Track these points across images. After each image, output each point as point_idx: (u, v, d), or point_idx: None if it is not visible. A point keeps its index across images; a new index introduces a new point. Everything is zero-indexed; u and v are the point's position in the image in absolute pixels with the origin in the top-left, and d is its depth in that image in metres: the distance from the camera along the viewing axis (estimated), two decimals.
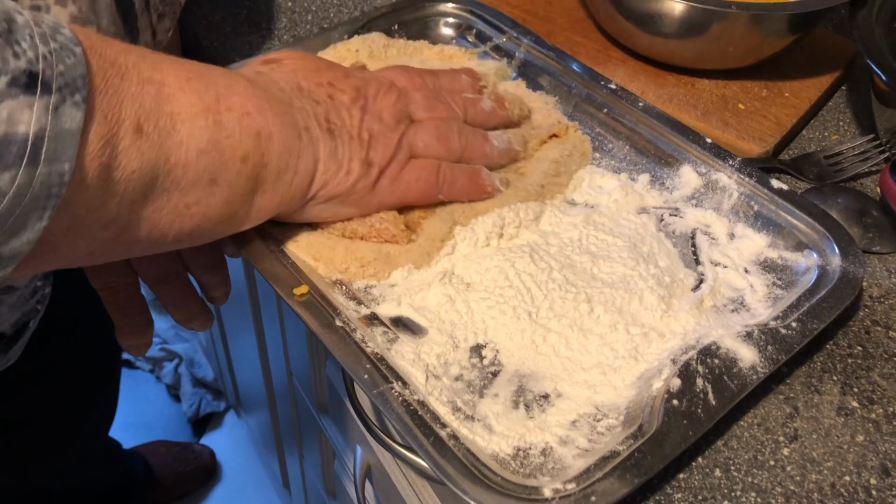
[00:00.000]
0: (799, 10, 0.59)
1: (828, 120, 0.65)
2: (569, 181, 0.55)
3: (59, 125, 0.30)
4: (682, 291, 0.49)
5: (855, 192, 0.57)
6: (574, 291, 0.47)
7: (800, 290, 0.47)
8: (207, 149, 0.37)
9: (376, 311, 0.47)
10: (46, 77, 0.29)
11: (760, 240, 0.51)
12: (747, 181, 0.52)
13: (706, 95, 0.63)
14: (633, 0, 0.61)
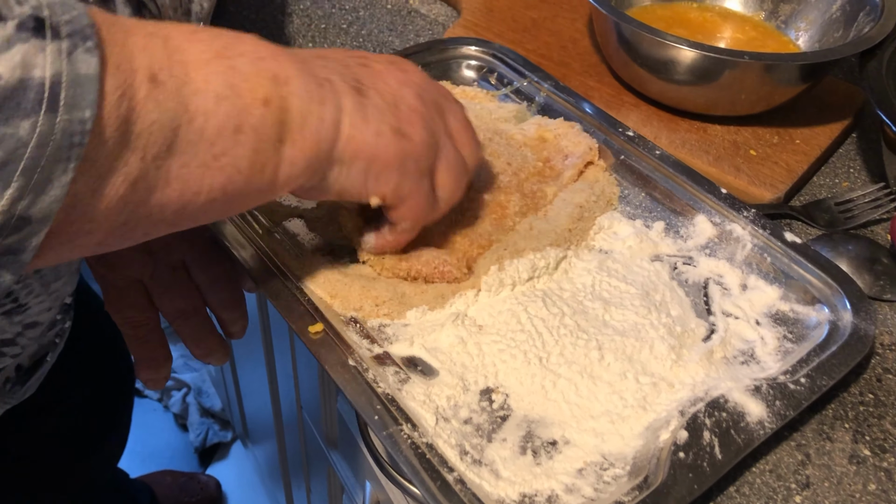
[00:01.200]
0: (810, 61, 0.60)
1: (838, 166, 0.65)
2: (591, 226, 0.56)
3: (75, 70, 0.28)
4: (692, 341, 0.49)
5: (865, 239, 0.58)
6: (585, 338, 0.48)
7: (810, 344, 0.48)
8: (226, 93, 0.35)
9: (389, 351, 0.47)
10: (54, 22, 0.28)
11: (773, 292, 0.52)
12: (761, 233, 0.53)
13: (718, 141, 0.64)
14: (645, 48, 0.62)
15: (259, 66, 0.37)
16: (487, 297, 0.50)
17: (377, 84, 0.42)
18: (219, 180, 0.36)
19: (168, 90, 0.32)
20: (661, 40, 0.60)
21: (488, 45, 0.67)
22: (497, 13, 0.77)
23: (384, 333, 0.48)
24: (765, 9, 0.74)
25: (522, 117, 0.63)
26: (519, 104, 0.64)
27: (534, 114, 0.64)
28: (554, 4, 0.79)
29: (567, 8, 0.78)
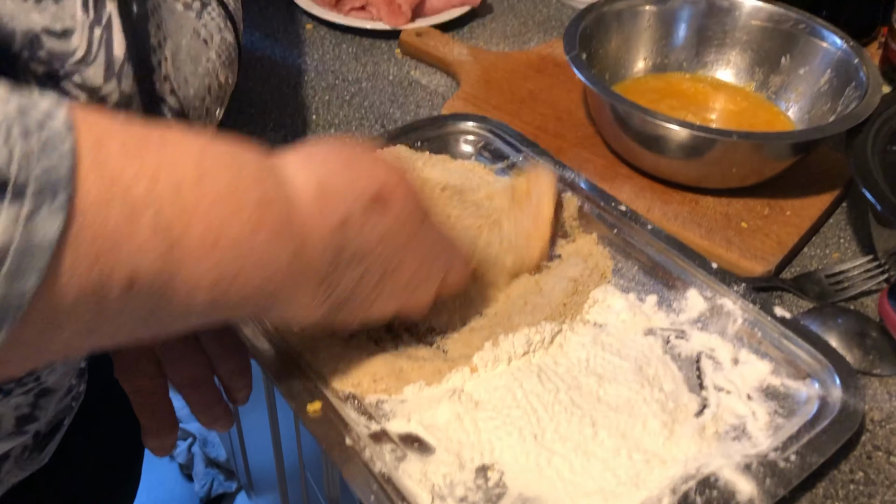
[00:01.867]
0: (797, 140, 0.61)
1: (829, 237, 0.67)
2: (586, 300, 0.57)
3: (28, 238, 0.26)
4: (685, 417, 0.50)
5: (855, 313, 0.59)
6: (580, 414, 0.49)
7: (801, 419, 0.48)
8: (199, 311, 0.35)
9: (386, 428, 0.48)
10: (19, 182, 0.26)
11: (763, 366, 0.52)
12: (751, 307, 0.54)
13: (710, 213, 0.65)
14: (638, 124, 0.64)
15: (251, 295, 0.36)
16: (484, 372, 0.51)
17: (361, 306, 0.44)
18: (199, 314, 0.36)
19: (143, 297, 0.31)
20: (652, 119, 0.62)
21: (485, 120, 0.69)
22: (495, 85, 0.79)
23: (382, 409, 0.49)
24: (756, 80, 0.76)
25: None
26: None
27: None
28: (550, 76, 0.81)
29: (563, 79, 0.80)
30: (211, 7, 0.54)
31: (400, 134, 0.68)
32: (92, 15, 0.41)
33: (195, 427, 1.75)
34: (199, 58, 0.51)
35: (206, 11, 0.53)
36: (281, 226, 0.36)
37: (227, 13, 0.55)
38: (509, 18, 0.95)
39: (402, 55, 0.87)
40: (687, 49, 0.77)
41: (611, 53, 0.75)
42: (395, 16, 0.87)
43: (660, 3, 0.76)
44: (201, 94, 0.51)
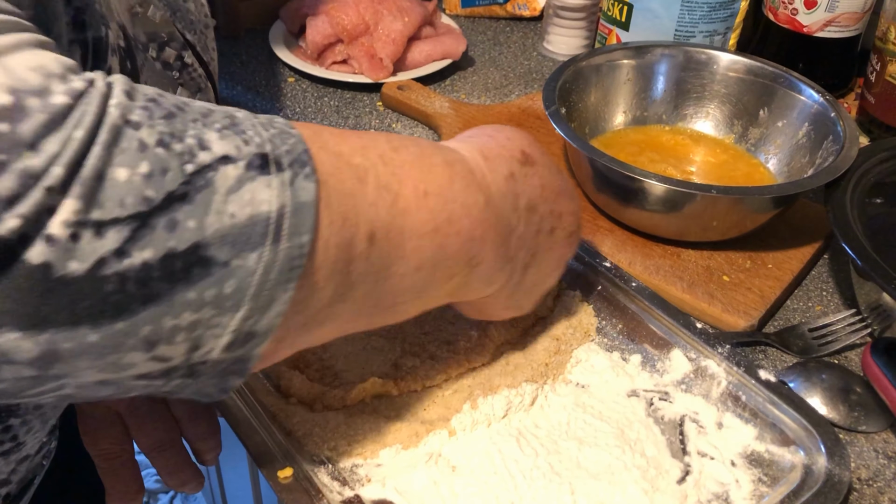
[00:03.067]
0: (776, 194, 0.61)
1: (811, 290, 0.66)
2: (568, 360, 0.56)
3: (296, 198, 0.31)
4: (666, 484, 0.48)
5: (840, 368, 0.58)
6: (558, 481, 0.47)
7: (785, 489, 0.47)
8: (425, 266, 0.39)
9: (360, 494, 0.47)
10: (276, 156, 0.31)
11: (748, 431, 0.51)
12: (735, 370, 0.53)
13: (692, 267, 0.65)
14: (618, 178, 0.64)
15: (465, 248, 0.41)
16: (462, 435, 0.50)
17: (543, 262, 0.49)
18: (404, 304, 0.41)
19: (380, 251, 0.36)
20: (632, 174, 0.61)
21: None
22: None
23: (356, 474, 0.48)
24: (735, 132, 0.77)
25: None
26: None
27: None
28: (531, 129, 0.81)
29: (544, 132, 0.80)
30: (192, 68, 0.54)
31: None
32: (90, 66, 0.41)
33: None
34: None
35: (185, 72, 0.53)
36: (468, 177, 0.42)
37: (207, 73, 0.56)
38: (490, 71, 0.95)
39: (384, 108, 0.87)
40: (666, 102, 0.77)
41: (590, 107, 0.75)
42: (376, 69, 0.87)
43: (638, 56, 0.76)
44: None
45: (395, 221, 0.37)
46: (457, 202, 0.40)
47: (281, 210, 0.31)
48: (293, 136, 0.33)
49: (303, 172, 0.32)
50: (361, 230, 0.35)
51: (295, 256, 0.32)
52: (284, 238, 0.31)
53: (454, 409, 0.51)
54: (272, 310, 0.32)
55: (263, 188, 0.30)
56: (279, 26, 0.96)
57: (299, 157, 0.32)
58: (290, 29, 0.95)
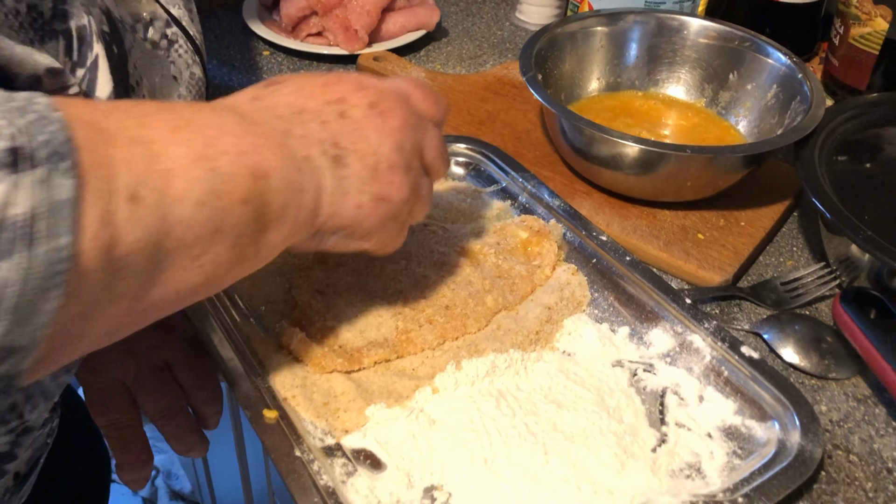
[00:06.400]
0: (748, 152, 0.63)
1: (782, 246, 0.68)
2: (558, 329, 0.56)
3: (51, 197, 0.28)
4: (640, 451, 0.48)
5: (811, 319, 0.60)
6: (532, 441, 0.47)
7: (756, 462, 0.47)
8: (206, 199, 0.34)
9: (341, 442, 0.47)
10: (29, 150, 0.28)
11: (727, 406, 0.51)
12: (720, 346, 0.53)
13: (667, 226, 0.66)
14: (595, 141, 0.65)
15: (239, 164, 0.36)
16: (445, 393, 0.50)
17: (357, 143, 0.42)
18: (200, 278, 0.36)
19: (148, 206, 0.32)
20: (608, 136, 0.63)
21: (477, 142, 0.69)
22: (453, 107, 0.79)
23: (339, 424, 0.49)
24: (706, 96, 0.78)
25: (504, 216, 0.64)
26: (503, 202, 0.65)
27: (516, 213, 0.65)
28: (507, 97, 0.82)
29: (520, 100, 0.81)
30: (178, 44, 0.54)
31: None
32: (75, 56, 0.40)
33: (158, 460, 1.72)
34: (171, 94, 0.51)
35: (173, 49, 0.53)
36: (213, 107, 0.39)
37: (195, 47, 0.56)
38: (464, 42, 0.95)
39: None
40: (639, 68, 0.78)
41: (565, 74, 0.76)
42: (351, 41, 0.87)
43: (611, 23, 0.77)
44: None
45: (153, 169, 0.33)
46: (209, 126, 0.36)
47: (33, 211, 0.27)
48: (54, 121, 0.29)
49: (60, 167, 0.28)
50: (120, 194, 0.31)
51: (55, 261, 0.28)
52: (41, 242, 0.28)
53: (439, 368, 0.52)
54: (34, 322, 0.29)
55: (11, 189, 0.27)
56: (252, 1, 0.96)
57: (58, 149, 0.29)
58: (263, 2, 0.94)
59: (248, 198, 0.37)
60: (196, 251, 0.35)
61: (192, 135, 0.35)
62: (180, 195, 0.33)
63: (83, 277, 0.30)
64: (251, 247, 0.38)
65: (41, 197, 0.28)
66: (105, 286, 0.31)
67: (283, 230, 0.40)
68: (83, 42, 0.41)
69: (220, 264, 0.37)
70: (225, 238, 0.36)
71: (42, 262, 0.28)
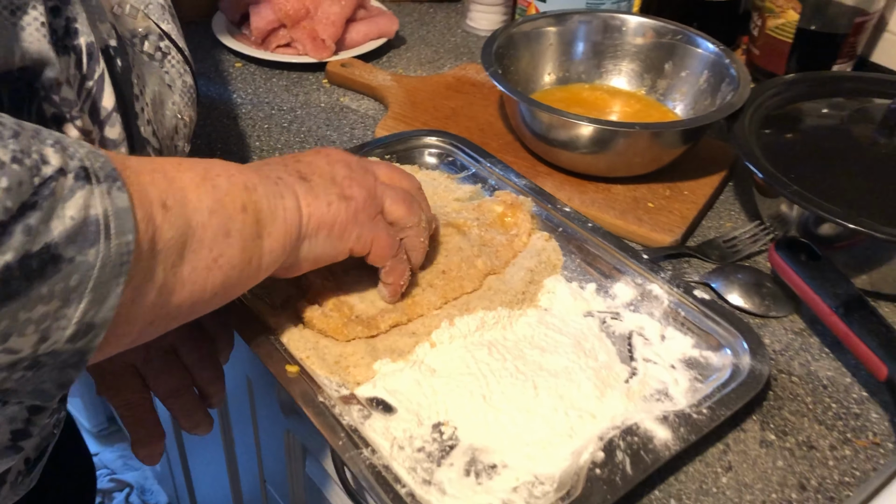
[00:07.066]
0: (688, 126, 0.71)
1: (722, 211, 0.77)
2: (541, 289, 0.62)
3: (115, 205, 0.35)
4: (615, 382, 0.55)
5: (751, 268, 0.68)
6: (522, 379, 0.54)
7: (715, 382, 0.54)
8: (215, 207, 0.43)
9: (354, 392, 0.53)
10: (93, 170, 0.35)
11: (686, 341, 0.58)
12: (676, 291, 0.60)
13: (621, 198, 0.74)
14: (553, 126, 0.73)
15: (232, 182, 0.45)
16: (441, 347, 0.57)
17: (313, 169, 0.52)
18: (219, 277, 0.44)
19: (175, 212, 0.40)
20: (566, 119, 0.70)
21: (447, 135, 0.75)
22: (420, 105, 0.86)
23: (350, 378, 0.54)
24: (645, 85, 0.87)
25: (478, 196, 0.71)
26: (475, 186, 0.72)
27: (487, 194, 0.71)
28: (468, 94, 0.89)
29: (480, 97, 0.88)
30: (171, 55, 0.59)
31: (370, 148, 0.74)
32: (85, 69, 0.46)
33: (131, 476, 1.73)
34: (166, 101, 0.56)
35: (166, 60, 0.58)
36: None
37: (185, 58, 0.61)
38: (422, 48, 1.03)
39: (330, 84, 0.93)
40: (586, 62, 0.86)
41: (521, 70, 0.83)
42: (319, 49, 0.93)
43: (559, 23, 0.85)
44: (171, 133, 0.55)
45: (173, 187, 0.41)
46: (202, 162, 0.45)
47: (106, 213, 0.35)
48: (102, 156, 0.37)
49: (115, 185, 0.36)
50: (155, 204, 0.39)
51: (123, 252, 0.35)
52: (113, 236, 0.35)
53: (435, 326, 0.58)
54: (108, 302, 0.35)
55: (90, 195, 0.34)
56: (220, 17, 1.00)
57: (111, 173, 0.36)
58: (231, 18, 1.00)
59: (245, 206, 0.45)
60: (215, 252, 0.43)
61: (192, 166, 0.44)
62: (195, 205, 0.42)
63: (138, 264, 0.37)
64: (256, 250, 0.46)
65: (110, 204, 0.35)
66: (150, 274, 0.39)
67: (277, 233, 0.48)
68: (91, 57, 0.46)
69: (234, 266, 0.45)
70: (234, 241, 0.44)
71: (115, 252, 0.35)
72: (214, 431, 1.06)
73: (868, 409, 0.57)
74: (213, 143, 0.82)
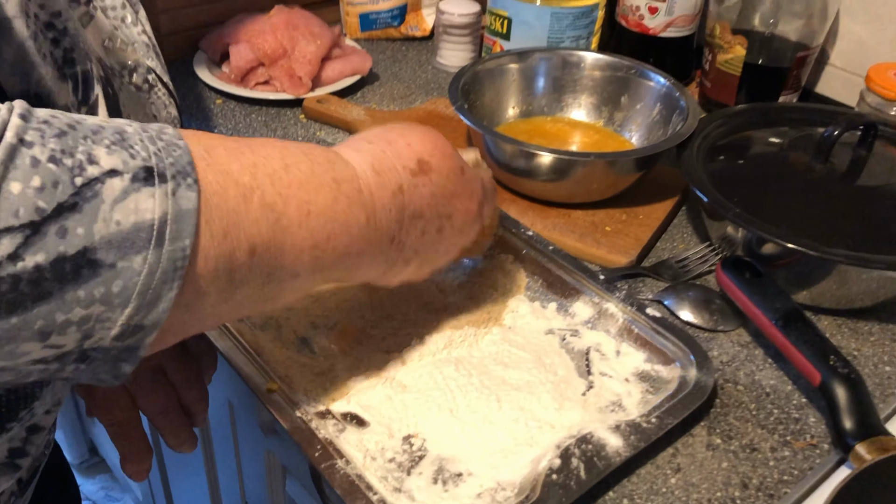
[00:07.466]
0: (639, 155, 0.76)
1: (675, 233, 0.81)
2: (505, 308, 0.66)
3: (178, 207, 0.34)
4: (573, 395, 0.59)
5: (702, 286, 0.72)
6: (487, 393, 0.57)
7: (664, 394, 0.58)
8: (303, 273, 0.43)
9: (330, 408, 0.56)
10: (160, 169, 0.34)
11: (639, 356, 0.62)
12: (630, 309, 0.64)
13: (580, 223, 0.78)
14: (516, 156, 0.77)
15: (342, 260, 0.45)
16: (412, 364, 0.60)
17: (429, 253, 0.53)
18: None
19: (261, 263, 0.39)
20: (527, 149, 0.75)
21: None
22: None
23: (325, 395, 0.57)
24: (603, 117, 0.92)
25: None
26: None
27: None
28: (437, 127, 0.90)
29: (448, 129, 0.92)
30: (157, 88, 0.63)
31: None
32: (80, 95, 0.48)
33: None
34: None
35: (153, 92, 0.62)
36: (353, 196, 0.45)
37: (169, 91, 0.65)
38: (394, 83, 1.07)
39: (307, 119, 0.97)
40: (547, 96, 0.91)
41: (486, 104, 0.88)
42: (296, 87, 0.98)
43: (521, 61, 0.89)
44: None
45: (276, 238, 0.40)
46: (337, 221, 0.43)
47: (164, 217, 0.33)
48: (180, 147, 0.35)
49: (185, 183, 0.34)
50: (243, 245, 0.38)
51: (178, 258, 0.34)
52: (167, 242, 0.33)
53: (404, 343, 0.62)
54: (158, 306, 0.34)
55: (147, 198, 0.33)
56: (200, 56, 1.05)
57: (183, 169, 0.35)
58: (212, 57, 1.04)
59: (330, 278, 0.46)
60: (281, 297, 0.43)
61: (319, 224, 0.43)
62: (286, 266, 0.41)
63: (199, 273, 0.36)
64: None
65: (171, 207, 0.34)
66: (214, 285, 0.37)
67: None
68: (87, 84, 0.48)
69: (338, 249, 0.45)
70: (301, 292, 0.45)
71: (167, 258, 0.34)
72: (197, 457, 1.09)
73: (807, 413, 0.61)
74: None
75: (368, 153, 0.48)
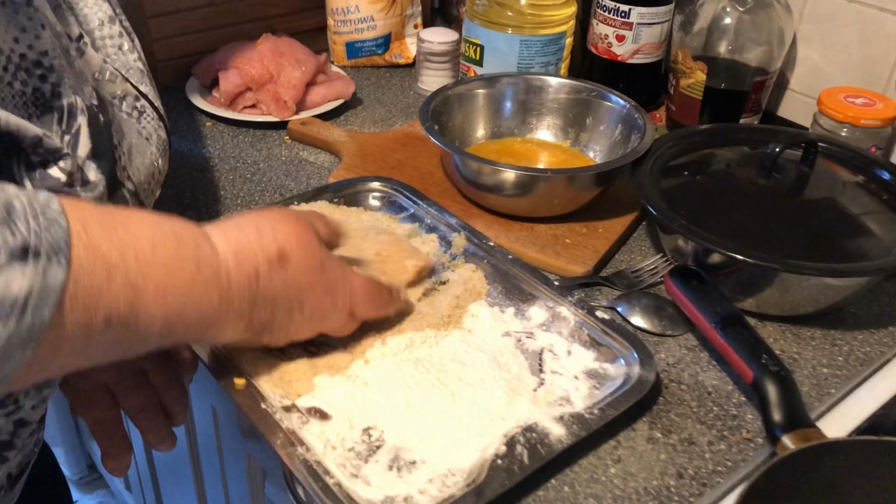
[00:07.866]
0: (596, 171, 0.81)
1: (634, 246, 0.85)
2: (465, 313, 0.70)
3: (45, 282, 0.36)
4: (524, 390, 0.62)
5: (654, 295, 0.77)
6: (443, 389, 0.61)
7: (609, 389, 0.62)
8: (153, 337, 0.46)
9: (295, 403, 0.60)
10: (36, 247, 0.36)
11: (588, 355, 0.66)
12: (581, 312, 0.68)
13: (542, 235, 0.83)
14: (482, 173, 0.82)
15: (191, 331, 0.49)
16: (374, 363, 0.64)
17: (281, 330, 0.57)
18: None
19: (116, 330, 0.42)
20: (493, 167, 0.79)
21: (389, 181, 0.84)
22: (370, 157, 0.96)
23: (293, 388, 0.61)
24: (570, 138, 0.96)
25: (414, 234, 0.80)
26: (413, 225, 0.81)
27: (423, 232, 0.80)
28: (413, 148, 0.98)
29: (424, 150, 0.97)
30: (147, 113, 0.67)
31: (321, 193, 0.83)
32: (64, 126, 0.53)
33: None
34: (145, 152, 0.63)
35: (143, 117, 0.67)
36: (211, 278, 0.49)
37: (160, 116, 0.69)
38: (376, 107, 1.13)
39: (291, 140, 1.02)
40: (514, 118, 0.95)
41: (456, 126, 0.92)
42: (282, 110, 1.03)
43: (490, 85, 0.94)
44: (147, 179, 0.63)
45: (132, 311, 0.43)
46: (191, 300, 0.47)
47: (29, 291, 0.36)
48: (60, 225, 0.38)
49: (56, 259, 0.37)
50: (100, 315, 0.41)
51: (35, 326, 0.37)
52: (29, 313, 0.36)
53: (369, 345, 0.65)
54: (8, 365, 0.37)
55: (18, 275, 0.35)
56: (193, 82, 1.10)
57: (58, 246, 0.37)
58: (203, 83, 1.10)
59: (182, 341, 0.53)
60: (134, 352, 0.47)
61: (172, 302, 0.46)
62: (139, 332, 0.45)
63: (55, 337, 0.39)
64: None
65: (38, 282, 0.37)
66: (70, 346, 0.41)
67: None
68: (71, 115, 0.53)
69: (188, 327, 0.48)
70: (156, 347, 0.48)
71: (26, 327, 0.37)
72: (186, 465, 1.12)
73: (745, 411, 0.65)
74: (182, 192, 0.90)
75: (234, 239, 0.52)
